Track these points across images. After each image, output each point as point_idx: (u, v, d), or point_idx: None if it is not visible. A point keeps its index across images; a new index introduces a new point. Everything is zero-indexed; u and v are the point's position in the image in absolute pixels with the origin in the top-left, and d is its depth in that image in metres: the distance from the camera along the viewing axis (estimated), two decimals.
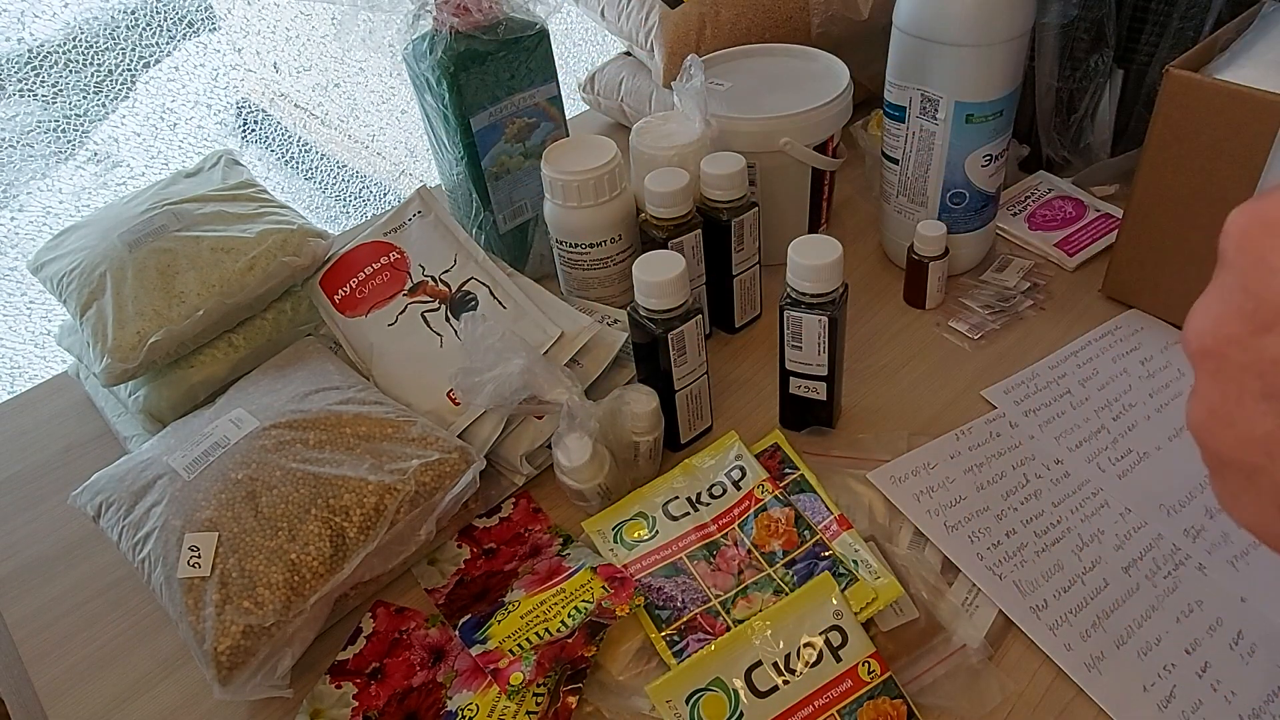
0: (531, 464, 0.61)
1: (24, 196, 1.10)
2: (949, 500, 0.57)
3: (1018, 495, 0.57)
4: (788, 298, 0.56)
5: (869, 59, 0.84)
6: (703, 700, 0.46)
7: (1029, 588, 0.52)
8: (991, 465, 0.59)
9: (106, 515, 0.55)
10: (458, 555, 0.58)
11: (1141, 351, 0.65)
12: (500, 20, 0.65)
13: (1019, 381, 0.65)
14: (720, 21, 0.83)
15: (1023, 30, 0.62)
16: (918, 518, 0.55)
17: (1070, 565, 0.53)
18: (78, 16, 1.06)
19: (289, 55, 1.40)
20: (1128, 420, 0.61)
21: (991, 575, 0.52)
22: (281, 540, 0.50)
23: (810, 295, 0.55)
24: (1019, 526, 0.55)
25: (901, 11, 0.63)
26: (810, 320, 0.55)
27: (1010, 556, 0.53)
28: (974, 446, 0.60)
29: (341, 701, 0.50)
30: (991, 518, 0.55)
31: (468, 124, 0.67)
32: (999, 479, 0.58)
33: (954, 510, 0.56)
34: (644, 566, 0.54)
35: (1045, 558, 0.53)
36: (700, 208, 0.65)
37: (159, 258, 0.63)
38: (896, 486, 0.58)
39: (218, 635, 0.47)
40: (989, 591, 0.51)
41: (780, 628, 0.48)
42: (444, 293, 0.66)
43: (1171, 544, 0.53)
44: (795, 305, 0.56)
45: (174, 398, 0.64)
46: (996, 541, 0.54)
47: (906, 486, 0.58)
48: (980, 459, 0.59)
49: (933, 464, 0.59)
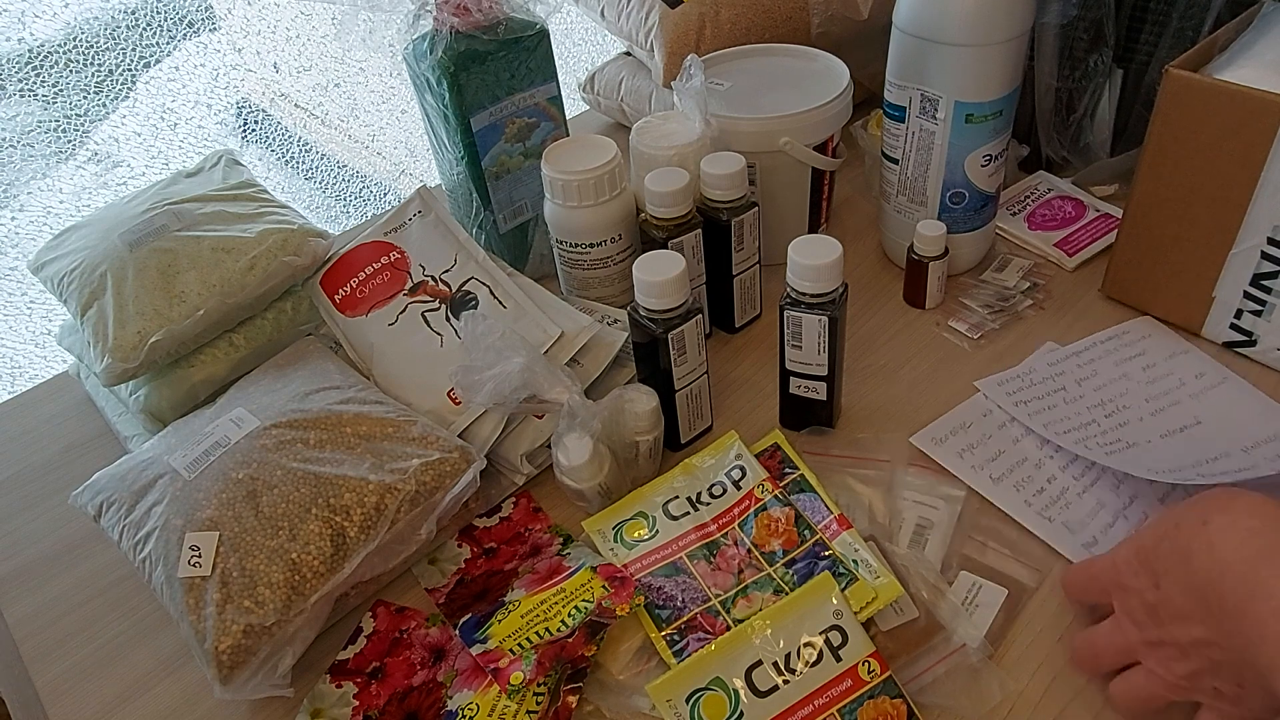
0: (532, 464, 0.61)
1: (24, 196, 1.10)
2: (989, 455, 0.60)
3: (1050, 445, 0.60)
4: (788, 297, 0.56)
5: (869, 59, 0.84)
6: (703, 700, 0.47)
7: (1078, 527, 0.55)
8: (1057, 379, 0.63)
9: (107, 515, 0.55)
10: (458, 555, 0.58)
11: (1146, 358, 0.65)
12: (500, 20, 0.65)
13: (1013, 375, 0.65)
14: (720, 21, 0.83)
15: (1022, 30, 0.62)
16: (963, 473, 0.58)
17: (1111, 502, 0.56)
18: (78, 16, 1.06)
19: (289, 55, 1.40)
20: (1120, 418, 0.61)
21: (1042, 519, 0.55)
22: (282, 540, 0.50)
23: (810, 295, 0.55)
24: (1058, 473, 0.58)
25: (901, 11, 0.63)
26: (810, 320, 0.55)
27: (1055, 500, 0.57)
28: (1025, 373, 0.65)
29: (342, 701, 0.50)
30: (1031, 467, 0.59)
31: (468, 124, 0.67)
32: (1029, 432, 0.61)
33: (996, 464, 0.59)
34: (644, 566, 0.54)
35: (1087, 498, 0.56)
36: (700, 208, 0.65)
37: (159, 257, 0.63)
38: (939, 447, 0.60)
39: (218, 634, 0.47)
40: (1043, 535, 0.55)
41: (780, 627, 0.48)
42: (444, 292, 0.66)
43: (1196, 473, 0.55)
44: (795, 305, 0.56)
45: (174, 397, 0.64)
46: (1040, 488, 0.57)
47: (948, 446, 0.60)
48: (1009, 416, 0.62)
49: (968, 423, 0.62)
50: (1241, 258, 0.60)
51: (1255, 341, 0.63)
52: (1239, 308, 0.62)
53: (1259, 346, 0.63)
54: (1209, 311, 0.64)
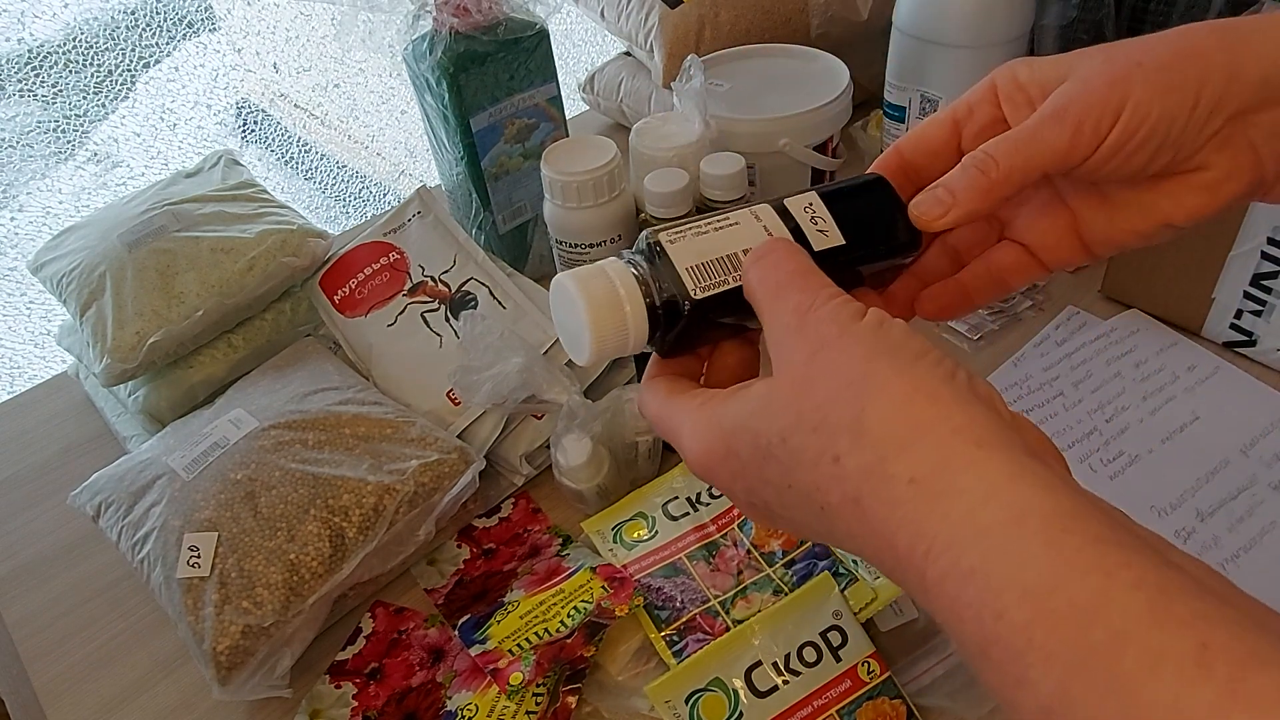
0: (531, 464, 0.61)
1: (24, 196, 1.10)
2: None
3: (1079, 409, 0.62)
4: None
5: (869, 59, 0.84)
6: (702, 700, 0.46)
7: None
8: (1054, 385, 0.64)
9: (106, 515, 0.55)
10: (457, 555, 0.58)
11: (1136, 354, 0.65)
12: (500, 21, 0.65)
13: (1013, 382, 0.65)
14: (720, 22, 0.83)
15: (1022, 31, 0.62)
16: None
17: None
18: (78, 16, 1.06)
19: (289, 55, 1.40)
20: (1120, 423, 0.61)
21: (1087, 469, 0.57)
22: (281, 540, 0.50)
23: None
24: (1101, 425, 0.61)
25: (901, 12, 0.64)
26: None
27: (1093, 453, 0.59)
28: (1030, 374, 0.66)
29: (341, 701, 0.50)
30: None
31: (468, 124, 0.67)
32: (1061, 393, 0.63)
33: (1040, 428, 0.60)
34: (643, 567, 0.54)
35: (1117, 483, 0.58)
36: (700, 208, 0.65)
37: (159, 258, 0.63)
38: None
39: (217, 635, 0.47)
40: (1087, 486, 0.55)
41: (780, 628, 0.48)
42: (444, 293, 0.66)
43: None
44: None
45: (173, 398, 0.64)
46: (1074, 441, 0.60)
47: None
48: (1045, 379, 0.64)
49: (1000, 390, 0.61)
50: (1241, 258, 0.60)
51: (1255, 342, 0.63)
52: (1239, 308, 0.62)
53: (1259, 347, 0.63)
54: (1209, 312, 0.64)
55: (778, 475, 0.28)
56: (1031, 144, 0.32)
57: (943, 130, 0.36)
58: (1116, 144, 0.31)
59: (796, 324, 0.28)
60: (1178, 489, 0.56)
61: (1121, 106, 0.31)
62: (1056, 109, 0.32)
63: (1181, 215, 0.34)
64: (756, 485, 0.29)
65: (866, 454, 0.25)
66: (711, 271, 0.32)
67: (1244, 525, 0.54)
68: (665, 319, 0.32)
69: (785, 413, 0.27)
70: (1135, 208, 0.34)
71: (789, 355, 0.28)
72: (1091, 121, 0.31)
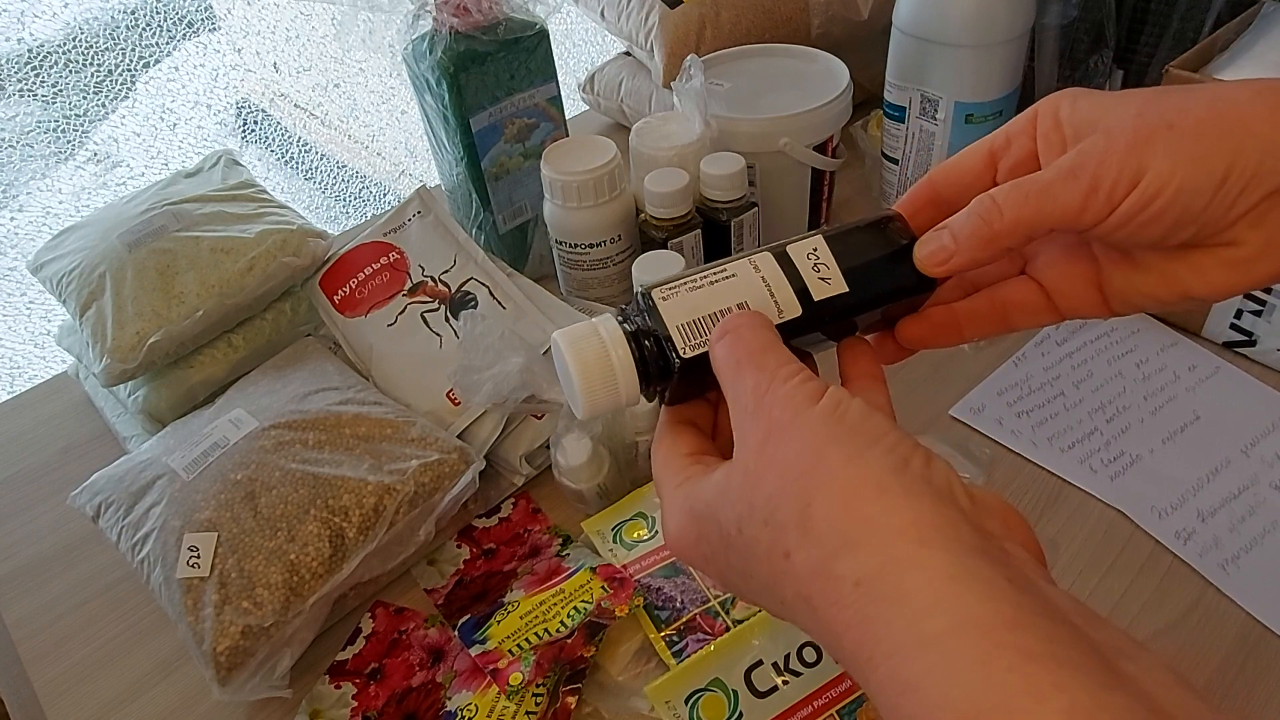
0: (531, 464, 0.61)
1: (24, 196, 1.10)
2: (1027, 413, 0.62)
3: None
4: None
5: (869, 59, 0.84)
6: (702, 701, 0.46)
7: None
8: (1055, 384, 0.65)
9: (105, 516, 0.55)
10: (457, 555, 0.58)
11: (1137, 354, 0.65)
12: (500, 20, 0.65)
13: (1014, 382, 0.65)
14: (720, 22, 0.83)
15: (1022, 31, 0.62)
16: (1004, 439, 0.61)
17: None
18: (78, 16, 1.06)
19: (289, 55, 1.39)
20: (1121, 423, 0.61)
21: (1087, 470, 0.58)
22: (280, 541, 0.50)
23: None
24: (1102, 425, 0.61)
25: (901, 12, 0.63)
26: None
27: (1094, 453, 0.59)
28: (1031, 374, 0.66)
29: (340, 702, 0.50)
30: (1065, 424, 0.61)
31: (467, 124, 0.67)
32: (1062, 393, 0.64)
33: (1041, 429, 0.61)
34: (643, 567, 0.54)
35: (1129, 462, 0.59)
36: (700, 208, 0.65)
37: (159, 258, 0.63)
38: (978, 415, 0.62)
39: (217, 636, 0.47)
40: (1087, 487, 0.56)
41: (780, 628, 0.48)
42: (444, 293, 0.66)
43: (1162, 546, 0.53)
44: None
45: (173, 398, 0.64)
46: (1075, 441, 0.60)
47: (987, 414, 0.62)
48: (1045, 379, 0.65)
49: (1000, 390, 0.64)
50: None
51: (1255, 342, 0.63)
52: (1239, 308, 0.62)
53: (1259, 347, 0.63)
54: (1209, 312, 0.64)
55: (740, 563, 0.28)
56: (1041, 198, 0.30)
57: (978, 162, 0.34)
58: (1129, 213, 0.29)
59: (753, 406, 0.28)
60: (1179, 489, 0.56)
61: (1141, 173, 0.29)
62: (1074, 165, 0.30)
63: (1204, 289, 0.31)
64: (725, 571, 0.29)
65: (814, 551, 0.25)
66: (702, 329, 0.31)
67: (1245, 525, 0.54)
68: (657, 377, 0.32)
69: (739, 502, 0.27)
70: (1157, 274, 0.32)
71: (745, 438, 0.28)
72: (1107, 185, 0.29)
